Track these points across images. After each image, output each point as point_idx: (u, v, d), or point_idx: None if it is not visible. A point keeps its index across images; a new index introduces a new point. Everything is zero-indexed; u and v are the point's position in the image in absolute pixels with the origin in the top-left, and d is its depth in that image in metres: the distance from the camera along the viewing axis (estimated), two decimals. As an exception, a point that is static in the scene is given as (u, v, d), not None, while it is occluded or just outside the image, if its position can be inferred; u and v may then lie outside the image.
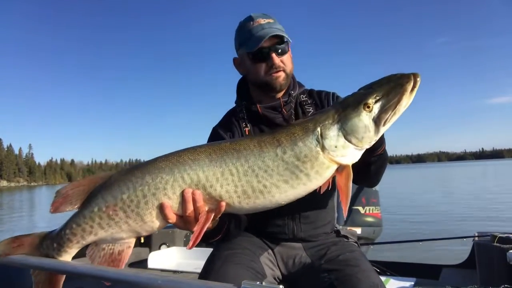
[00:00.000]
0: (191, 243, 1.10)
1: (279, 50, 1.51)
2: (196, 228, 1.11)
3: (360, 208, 3.85)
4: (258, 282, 0.82)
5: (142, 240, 4.24)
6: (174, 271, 3.68)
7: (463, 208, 13.22)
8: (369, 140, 1.10)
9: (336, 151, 1.08)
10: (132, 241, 1.16)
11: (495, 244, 2.64)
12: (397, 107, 1.07)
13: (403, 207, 13.98)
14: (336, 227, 1.66)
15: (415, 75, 1.07)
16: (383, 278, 3.06)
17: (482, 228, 4.71)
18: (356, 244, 1.63)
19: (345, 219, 1.23)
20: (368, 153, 1.27)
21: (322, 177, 1.11)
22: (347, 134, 1.08)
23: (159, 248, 4.18)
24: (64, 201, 1.14)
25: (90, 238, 1.13)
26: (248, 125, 1.60)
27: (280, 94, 1.60)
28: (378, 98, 1.08)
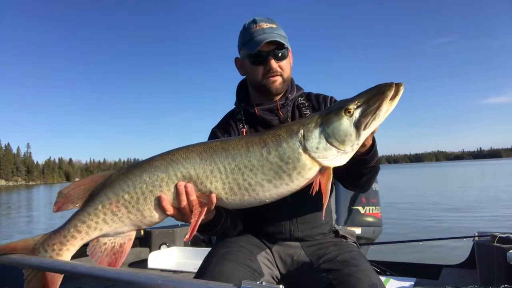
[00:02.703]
0: (188, 234, 1.18)
1: (278, 55, 1.55)
2: (192, 220, 1.18)
3: (360, 208, 3.84)
4: (258, 282, 0.83)
5: (142, 232, 4.24)
6: (174, 271, 3.68)
7: (463, 208, 13.23)
8: (351, 143, 1.14)
9: (318, 153, 1.13)
10: (133, 233, 1.22)
11: (495, 244, 2.65)
12: (377, 112, 1.11)
13: (403, 207, 13.99)
14: (334, 228, 1.67)
15: (397, 84, 1.12)
16: (383, 278, 3.06)
17: (482, 228, 4.72)
18: (355, 244, 1.64)
19: (323, 217, 1.26)
20: (362, 165, 1.34)
21: (304, 178, 1.15)
22: (329, 136, 1.14)
23: (159, 248, 4.18)
24: (66, 200, 1.19)
25: (95, 234, 1.18)
26: (245, 126, 1.64)
27: (277, 97, 1.64)
28: (359, 104, 1.14)
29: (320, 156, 1.13)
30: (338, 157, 1.14)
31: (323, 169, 1.15)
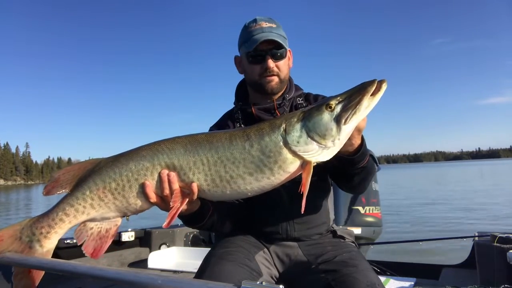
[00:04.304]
0: (166, 221, 1.19)
1: (276, 55, 1.55)
2: (172, 208, 1.19)
3: (360, 208, 3.83)
4: (258, 282, 0.83)
5: (142, 232, 4.24)
6: (174, 271, 3.67)
7: (463, 208, 13.24)
8: (332, 138, 1.14)
9: (298, 146, 1.14)
10: (119, 219, 1.25)
11: (495, 244, 2.64)
12: (358, 107, 1.12)
13: (403, 207, 13.99)
14: (332, 228, 1.68)
15: (380, 81, 1.13)
16: (383, 278, 3.06)
17: (482, 228, 4.72)
18: (354, 244, 1.64)
19: (302, 210, 1.17)
20: (351, 165, 1.34)
21: (285, 172, 1.16)
22: (310, 131, 1.15)
23: (159, 248, 4.18)
24: (55, 184, 1.23)
25: (83, 218, 1.21)
26: (242, 125, 1.64)
27: (275, 97, 1.64)
28: (341, 99, 1.15)
29: (301, 150, 1.14)
30: (319, 152, 1.15)
31: (304, 164, 1.16)
